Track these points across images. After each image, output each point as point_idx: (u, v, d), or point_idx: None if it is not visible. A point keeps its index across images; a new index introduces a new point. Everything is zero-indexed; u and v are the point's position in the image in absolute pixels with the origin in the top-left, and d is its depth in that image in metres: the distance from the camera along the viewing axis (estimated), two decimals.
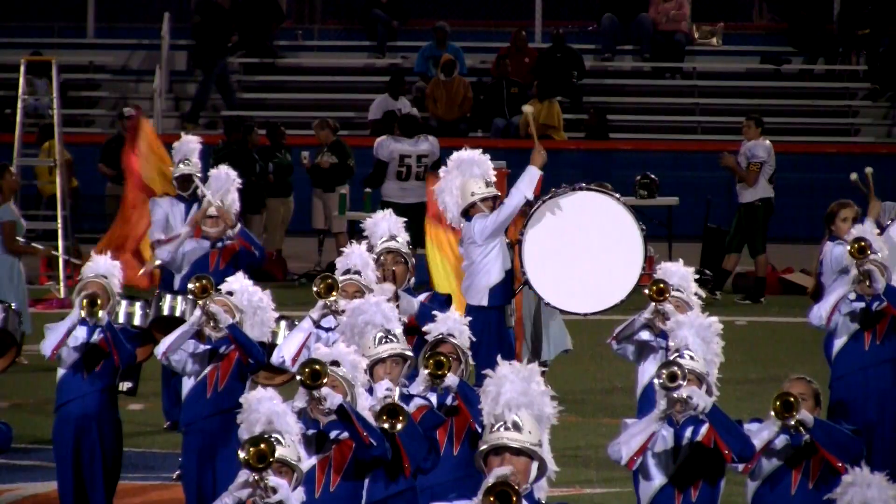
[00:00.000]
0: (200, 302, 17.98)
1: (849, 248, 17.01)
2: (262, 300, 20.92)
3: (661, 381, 14.58)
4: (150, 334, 22.83)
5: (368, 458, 13.93)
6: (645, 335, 19.52)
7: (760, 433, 14.58)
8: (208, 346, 18.81)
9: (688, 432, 14.34)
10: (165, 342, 19.07)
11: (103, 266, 21.44)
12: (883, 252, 22.09)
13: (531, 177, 22.67)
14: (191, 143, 30.05)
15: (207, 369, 18.87)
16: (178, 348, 19.01)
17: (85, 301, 19.71)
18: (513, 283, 26.43)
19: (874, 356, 22.87)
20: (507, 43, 57.92)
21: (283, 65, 63.35)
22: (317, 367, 13.79)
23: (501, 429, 11.79)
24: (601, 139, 54.68)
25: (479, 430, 14.22)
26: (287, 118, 55.50)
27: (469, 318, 18.04)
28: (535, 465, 11.63)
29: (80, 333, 19.68)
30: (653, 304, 18.04)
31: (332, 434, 14.55)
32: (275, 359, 20.38)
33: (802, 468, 14.67)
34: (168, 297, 24.45)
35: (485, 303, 24.37)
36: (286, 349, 18.63)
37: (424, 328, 18.17)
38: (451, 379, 16.48)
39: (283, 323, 23.10)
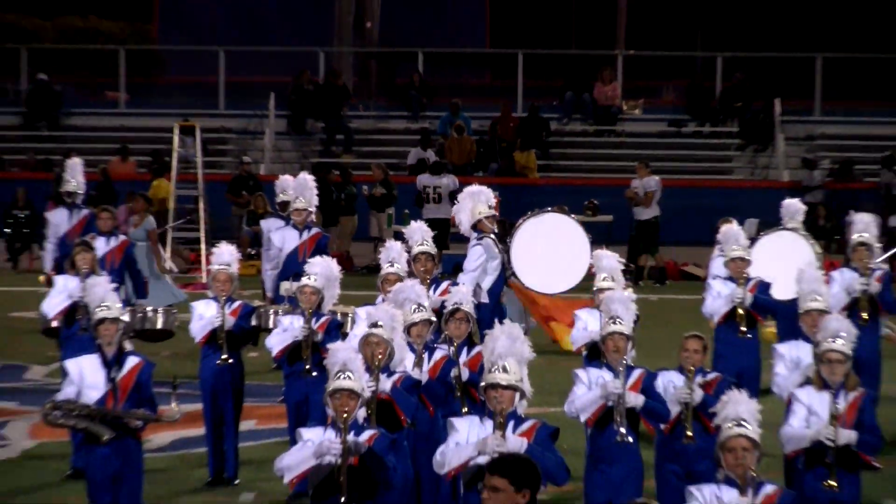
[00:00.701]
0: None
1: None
2: (338, 275, 20.86)
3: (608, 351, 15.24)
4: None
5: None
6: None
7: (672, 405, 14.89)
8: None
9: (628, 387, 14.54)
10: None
11: (227, 256, 21.33)
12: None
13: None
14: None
15: None
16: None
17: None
18: (503, 282, 26.55)
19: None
20: (498, 113, 56.96)
21: (350, 126, 61.16)
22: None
23: (496, 371, 13.28)
24: (561, 177, 54.93)
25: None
26: (353, 163, 54.57)
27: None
28: (517, 395, 13.23)
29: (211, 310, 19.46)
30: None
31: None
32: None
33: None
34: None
35: (485, 300, 24.44)
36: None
37: (444, 299, 18.91)
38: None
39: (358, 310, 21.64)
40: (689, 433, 15.64)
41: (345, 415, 13.30)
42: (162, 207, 44.10)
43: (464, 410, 16.46)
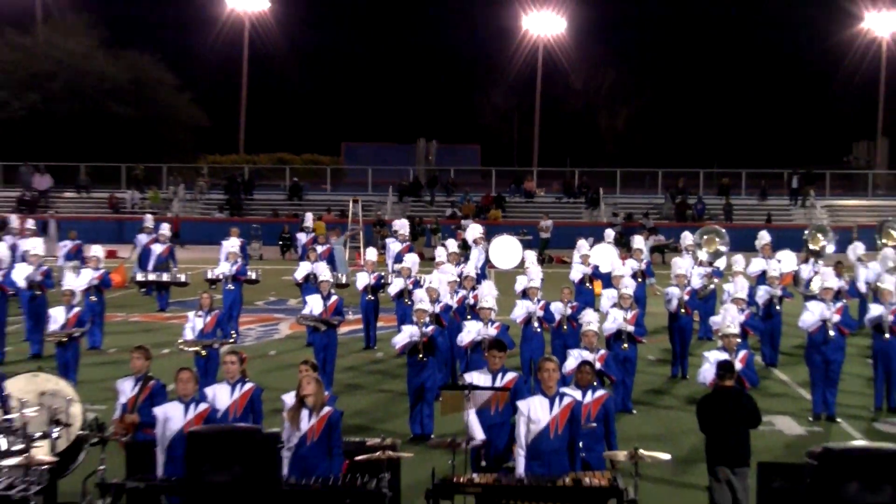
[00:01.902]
0: None
1: None
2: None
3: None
4: None
5: None
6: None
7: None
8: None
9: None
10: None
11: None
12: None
13: None
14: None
15: None
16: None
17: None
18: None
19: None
20: (484, 194, 69.27)
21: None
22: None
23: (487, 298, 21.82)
24: (508, 220, 61.76)
25: None
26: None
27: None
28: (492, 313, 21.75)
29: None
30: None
31: None
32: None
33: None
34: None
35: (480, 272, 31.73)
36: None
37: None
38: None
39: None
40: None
41: (422, 319, 20.62)
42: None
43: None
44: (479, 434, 14.60)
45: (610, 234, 36.17)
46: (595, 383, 15.25)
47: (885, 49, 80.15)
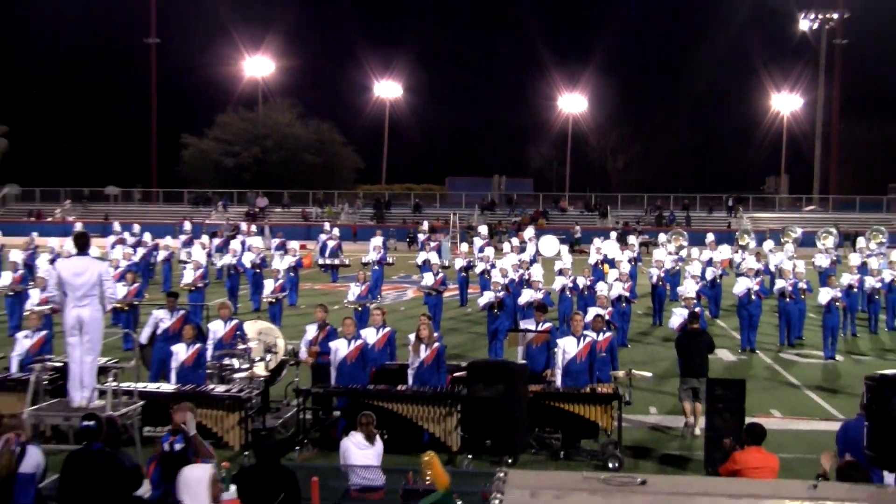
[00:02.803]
0: None
1: None
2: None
3: None
4: None
5: None
6: None
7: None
8: None
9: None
10: None
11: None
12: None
13: None
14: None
15: None
16: None
17: None
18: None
19: None
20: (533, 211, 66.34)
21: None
22: None
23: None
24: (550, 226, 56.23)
25: None
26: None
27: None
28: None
29: None
30: None
31: None
32: None
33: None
34: None
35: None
36: None
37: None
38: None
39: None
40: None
41: (496, 288, 20.66)
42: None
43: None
44: (521, 359, 14.45)
45: (614, 234, 36.66)
46: (605, 329, 15.07)
47: (785, 119, 79.89)
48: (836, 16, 72.62)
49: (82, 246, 11.06)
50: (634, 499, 5.02)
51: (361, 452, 10.19)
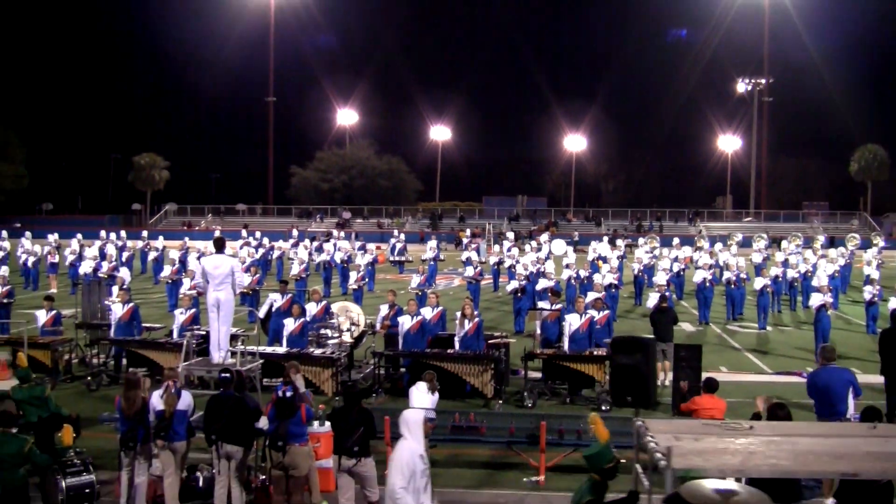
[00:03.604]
0: None
1: None
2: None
3: None
4: None
5: None
6: None
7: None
8: None
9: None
10: None
11: None
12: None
13: None
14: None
15: None
16: None
17: None
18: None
19: None
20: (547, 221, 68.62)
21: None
22: None
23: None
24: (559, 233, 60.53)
25: None
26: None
27: None
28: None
29: None
30: None
31: None
32: None
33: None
34: None
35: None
36: None
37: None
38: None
39: None
40: None
41: (520, 278, 20.40)
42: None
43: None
44: (539, 332, 14.34)
45: (606, 238, 37.59)
46: (603, 307, 14.95)
47: (730, 154, 79.73)
48: (763, 81, 73.31)
49: (220, 247, 11.14)
50: (751, 439, 4.88)
51: (422, 397, 10.18)
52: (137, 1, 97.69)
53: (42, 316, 15.22)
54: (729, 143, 79.81)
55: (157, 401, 8.62)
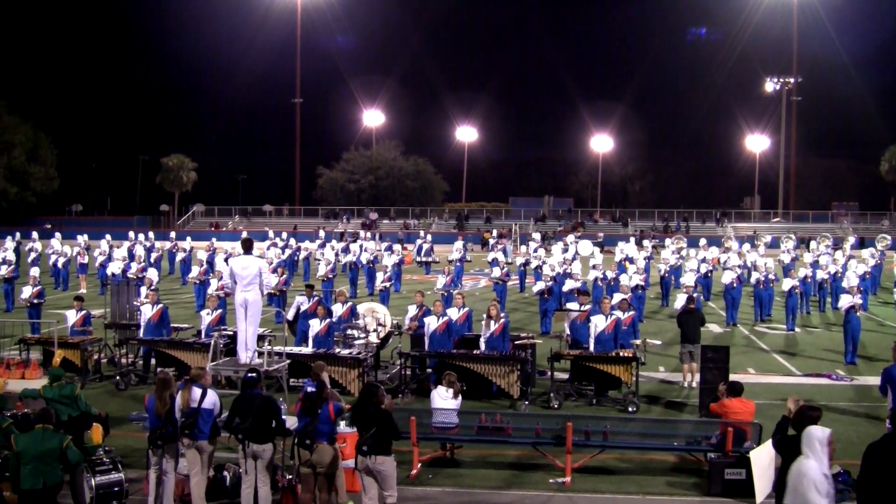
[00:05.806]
0: None
1: None
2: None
3: None
4: None
5: None
6: None
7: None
8: None
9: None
10: None
11: None
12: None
13: None
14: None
15: None
16: None
17: None
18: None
19: None
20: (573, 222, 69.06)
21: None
22: None
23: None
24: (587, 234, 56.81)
25: None
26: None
27: None
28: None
29: None
30: None
31: None
32: None
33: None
34: None
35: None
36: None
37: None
38: None
39: None
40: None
41: (546, 279, 20.79)
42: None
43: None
44: (567, 333, 14.29)
45: (633, 239, 37.66)
46: (629, 309, 14.75)
47: (757, 154, 78.19)
48: (792, 80, 72.83)
49: (247, 248, 11.10)
50: None
51: (444, 401, 10.12)
52: (166, 5, 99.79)
53: (72, 316, 15.37)
54: (757, 143, 78.91)
55: (180, 400, 8.66)
